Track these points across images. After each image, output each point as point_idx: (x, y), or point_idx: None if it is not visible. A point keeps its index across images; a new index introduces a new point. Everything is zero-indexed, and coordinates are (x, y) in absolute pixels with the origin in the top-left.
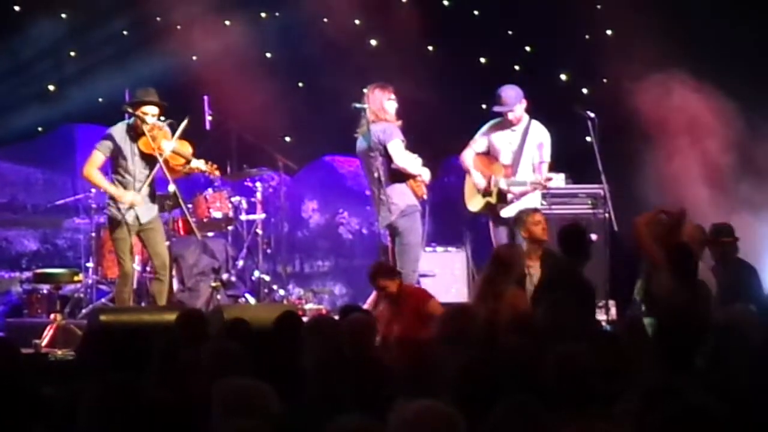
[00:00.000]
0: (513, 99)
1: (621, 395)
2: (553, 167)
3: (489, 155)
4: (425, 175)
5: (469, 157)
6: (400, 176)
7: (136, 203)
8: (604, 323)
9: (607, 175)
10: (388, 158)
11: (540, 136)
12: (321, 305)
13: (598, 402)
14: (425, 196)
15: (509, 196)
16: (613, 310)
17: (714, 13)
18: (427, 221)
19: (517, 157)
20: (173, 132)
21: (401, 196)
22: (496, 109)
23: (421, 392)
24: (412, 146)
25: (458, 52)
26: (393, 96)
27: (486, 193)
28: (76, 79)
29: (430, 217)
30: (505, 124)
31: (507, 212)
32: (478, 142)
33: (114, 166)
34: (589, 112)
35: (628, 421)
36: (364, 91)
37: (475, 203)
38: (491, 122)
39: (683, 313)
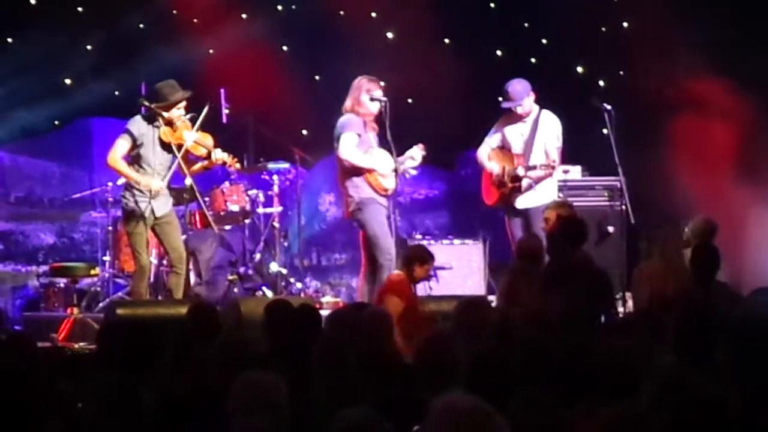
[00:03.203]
0: (520, 93)
1: (638, 388)
2: (566, 159)
3: (503, 149)
4: (381, 168)
5: (484, 152)
6: (355, 169)
7: (162, 191)
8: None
9: (624, 167)
10: None
11: (551, 124)
12: (338, 298)
13: (613, 396)
14: (389, 191)
15: (525, 182)
16: (629, 303)
17: (729, 6)
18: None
19: (528, 147)
20: (194, 122)
21: (356, 189)
22: (505, 105)
23: (436, 385)
24: (429, 139)
25: (475, 44)
26: (378, 92)
27: (500, 184)
28: (92, 72)
29: (448, 209)
30: (516, 116)
31: (521, 203)
32: (492, 138)
33: (133, 157)
34: (605, 104)
35: (644, 415)
36: (381, 84)
37: (490, 196)
38: (503, 116)
39: (701, 308)
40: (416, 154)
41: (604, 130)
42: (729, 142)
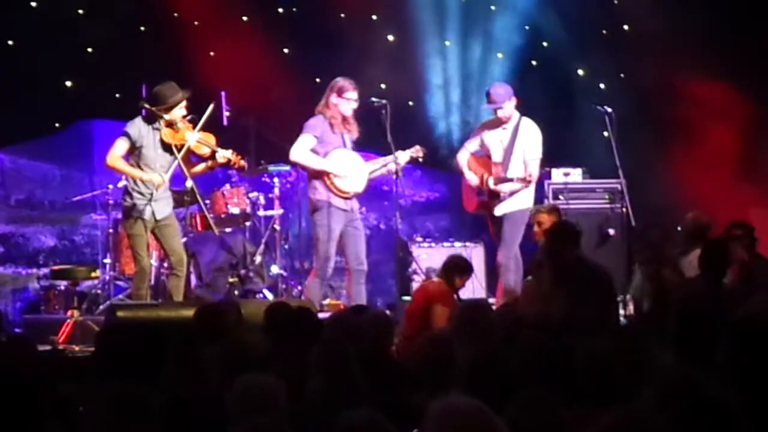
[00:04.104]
0: (502, 96)
1: (639, 390)
2: (544, 162)
3: (482, 155)
4: (337, 170)
5: (463, 158)
6: (315, 172)
7: (165, 184)
8: (621, 318)
9: (624, 169)
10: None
11: (531, 134)
12: (339, 301)
13: (615, 396)
14: (349, 194)
15: (501, 194)
16: (630, 306)
17: (729, 9)
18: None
19: (507, 155)
20: (195, 123)
21: (313, 191)
22: (486, 107)
23: (436, 386)
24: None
25: (474, 47)
26: (352, 94)
27: (480, 192)
28: (93, 75)
29: (448, 212)
30: (496, 122)
31: (500, 210)
32: (472, 142)
33: (134, 159)
34: (606, 107)
35: (646, 416)
36: (382, 86)
37: (471, 203)
38: (483, 121)
39: (704, 307)
40: (401, 156)
41: (605, 133)
42: (729, 143)
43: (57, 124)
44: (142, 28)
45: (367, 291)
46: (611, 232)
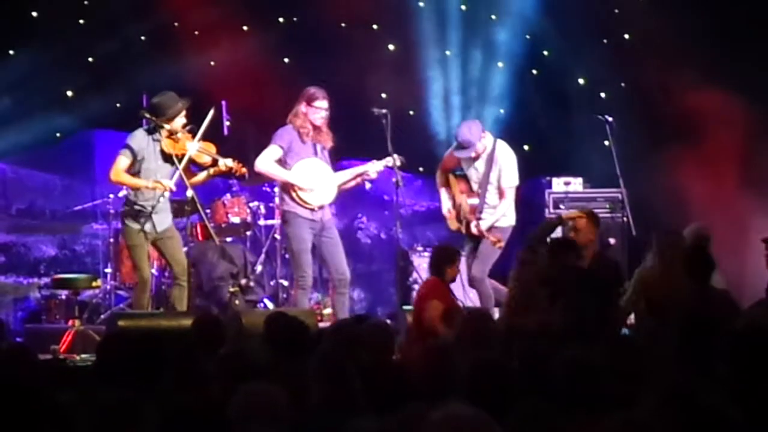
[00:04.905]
0: (471, 141)
1: (638, 399)
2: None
3: (460, 177)
4: (301, 182)
5: (444, 197)
6: (284, 183)
7: (174, 189)
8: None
9: (625, 178)
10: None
11: (504, 159)
12: None
13: (614, 406)
14: (314, 206)
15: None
16: (632, 315)
17: (730, 17)
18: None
19: (484, 184)
20: (194, 133)
21: (282, 202)
22: (458, 154)
23: (437, 396)
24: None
25: (475, 56)
26: (321, 105)
27: (459, 220)
28: (94, 84)
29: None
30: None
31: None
32: (448, 165)
33: (136, 171)
34: (607, 116)
35: (646, 424)
36: (383, 95)
37: (452, 223)
38: (456, 144)
39: (701, 317)
40: (373, 166)
41: (606, 142)
42: (731, 152)
43: (58, 134)
44: (143, 38)
45: (367, 300)
46: (612, 241)
